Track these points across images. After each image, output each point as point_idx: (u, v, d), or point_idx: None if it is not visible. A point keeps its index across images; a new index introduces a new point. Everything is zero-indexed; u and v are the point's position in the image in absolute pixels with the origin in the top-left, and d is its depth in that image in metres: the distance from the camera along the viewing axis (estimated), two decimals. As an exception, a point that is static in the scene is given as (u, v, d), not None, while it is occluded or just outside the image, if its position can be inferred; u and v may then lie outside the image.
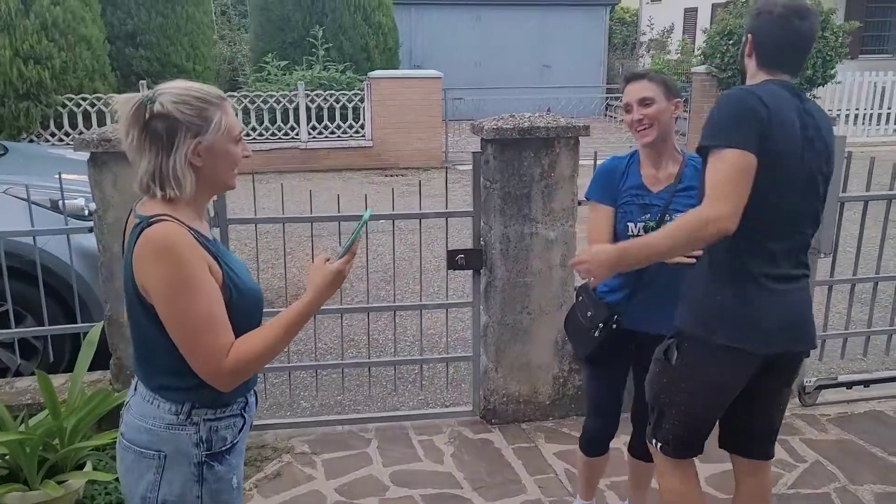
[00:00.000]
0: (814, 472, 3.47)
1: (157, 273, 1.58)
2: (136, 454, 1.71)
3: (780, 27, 2.14)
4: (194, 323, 1.58)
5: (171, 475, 1.69)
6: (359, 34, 13.64)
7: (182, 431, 1.69)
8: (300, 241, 7.28)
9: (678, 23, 22.18)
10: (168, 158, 1.62)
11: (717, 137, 2.05)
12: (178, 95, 1.63)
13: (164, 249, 1.57)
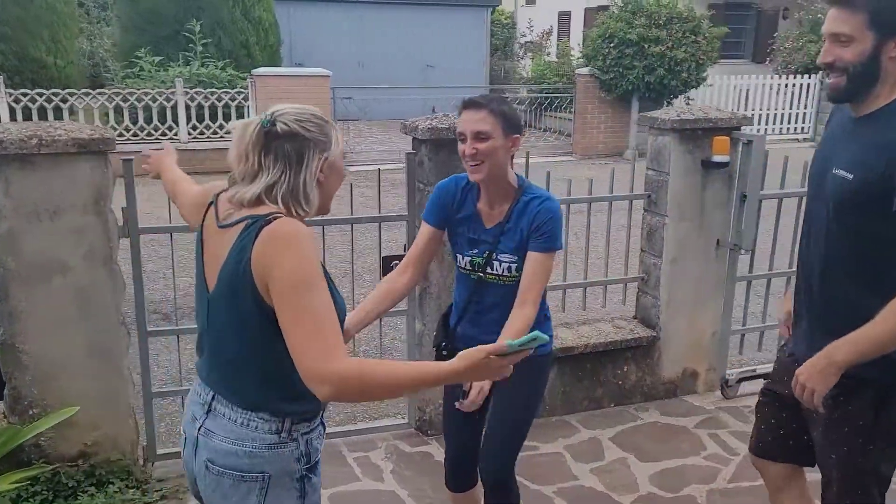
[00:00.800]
0: (748, 465, 3.50)
1: (288, 265, 1.52)
2: (236, 479, 1.65)
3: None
4: (317, 317, 1.51)
5: (274, 495, 1.67)
6: (238, 30, 13.08)
7: (285, 449, 1.66)
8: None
9: (554, 26, 22.80)
10: (298, 176, 1.62)
11: None
12: (299, 115, 1.65)
13: (295, 242, 1.54)
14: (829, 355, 1.91)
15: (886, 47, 1.85)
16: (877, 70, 1.88)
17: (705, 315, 4.11)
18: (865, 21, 1.84)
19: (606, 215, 4.02)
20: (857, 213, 1.91)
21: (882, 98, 1.92)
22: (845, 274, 1.98)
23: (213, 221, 1.71)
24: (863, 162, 1.88)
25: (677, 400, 4.16)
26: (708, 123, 3.80)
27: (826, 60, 1.92)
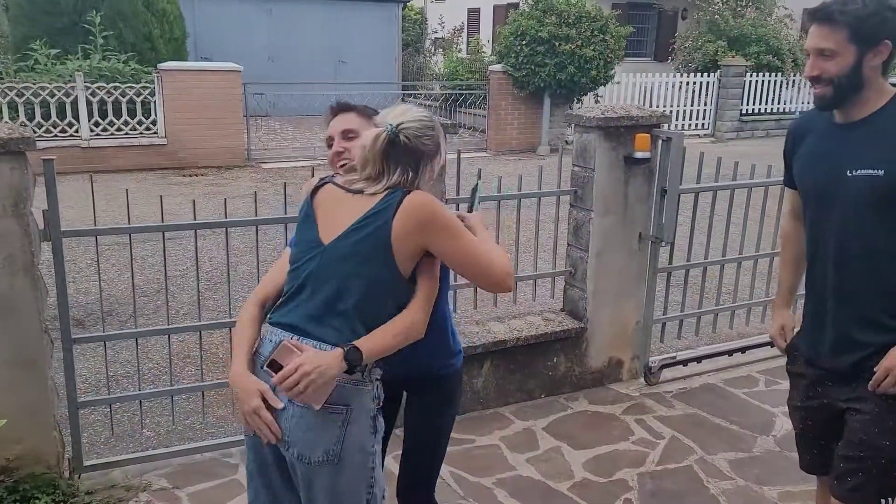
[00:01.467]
0: (674, 448, 3.70)
1: (434, 224, 1.87)
2: (322, 411, 1.82)
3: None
4: (478, 245, 1.93)
5: (355, 427, 1.86)
6: (141, 22, 12.55)
7: (365, 388, 1.89)
8: (115, 250, 6.58)
9: (464, 22, 22.96)
10: (414, 182, 1.93)
11: None
12: (419, 128, 1.93)
13: (432, 205, 1.88)
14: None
15: (867, 58, 2.00)
16: (860, 79, 2.02)
17: (629, 306, 4.26)
18: (847, 36, 1.98)
19: (535, 211, 4.12)
20: (891, 206, 2.01)
21: (872, 101, 2.05)
22: (885, 268, 2.06)
23: (332, 193, 1.97)
24: (890, 157, 2.00)
25: (604, 388, 4.30)
26: (630, 121, 3.94)
27: (812, 74, 2.05)
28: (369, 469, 1.92)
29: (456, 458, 3.53)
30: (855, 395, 2.14)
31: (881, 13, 1.97)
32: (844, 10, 1.98)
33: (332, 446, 1.84)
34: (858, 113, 2.07)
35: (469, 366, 3.91)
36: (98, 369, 4.46)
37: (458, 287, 3.99)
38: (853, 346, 2.13)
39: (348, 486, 1.89)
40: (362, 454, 1.89)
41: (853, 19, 1.96)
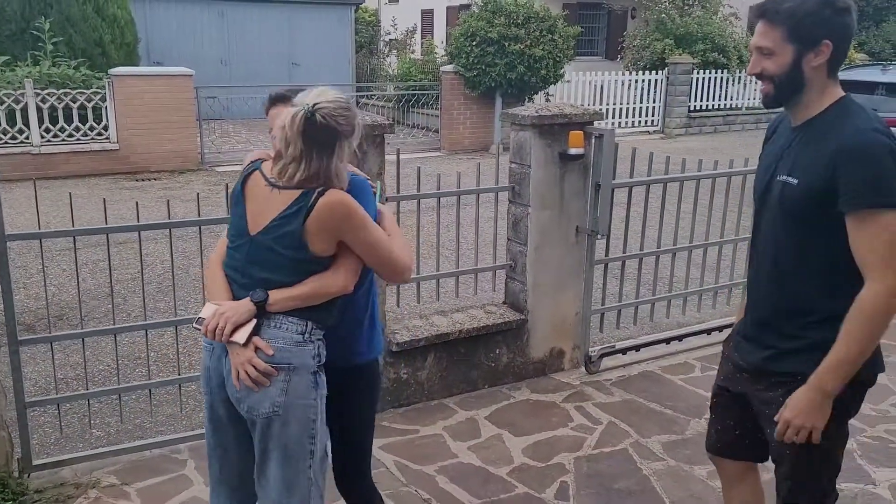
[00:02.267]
0: (610, 433, 3.87)
1: (346, 223, 2.07)
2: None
3: (853, 22, 1.98)
4: (386, 242, 2.15)
5: (296, 382, 2.10)
6: (91, 27, 12.43)
7: (305, 347, 2.12)
8: (66, 254, 6.57)
9: (418, 24, 23.06)
10: (331, 161, 2.06)
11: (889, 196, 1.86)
12: (335, 108, 2.04)
13: (344, 205, 2.06)
14: (820, 388, 1.95)
15: (806, 58, 1.94)
16: (800, 78, 1.97)
17: (568, 297, 4.43)
18: (783, 35, 1.94)
19: (474, 207, 4.26)
20: (801, 216, 1.99)
21: (813, 106, 2.01)
22: (790, 278, 2.06)
23: (258, 182, 2.13)
24: (806, 167, 1.96)
25: (546, 378, 4.46)
26: (564, 119, 4.11)
27: (754, 71, 2.03)
28: (311, 421, 2.14)
29: (399, 448, 3.65)
30: (765, 395, 2.16)
31: (819, 12, 1.92)
32: (779, 9, 1.94)
33: (276, 399, 2.08)
34: (802, 115, 2.04)
35: (413, 358, 4.04)
36: (48, 372, 4.49)
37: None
38: (760, 345, 2.17)
39: (293, 437, 2.12)
40: (304, 407, 2.12)
41: (788, 18, 1.93)
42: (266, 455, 2.16)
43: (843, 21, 1.94)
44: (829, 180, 1.89)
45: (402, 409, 4.03)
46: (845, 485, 3.39)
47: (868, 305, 1.90)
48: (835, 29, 1.93)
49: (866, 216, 1.87)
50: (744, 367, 2.25)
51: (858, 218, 1.88)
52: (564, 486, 3.40)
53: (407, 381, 4.05)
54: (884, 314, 1.90)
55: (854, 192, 1.86)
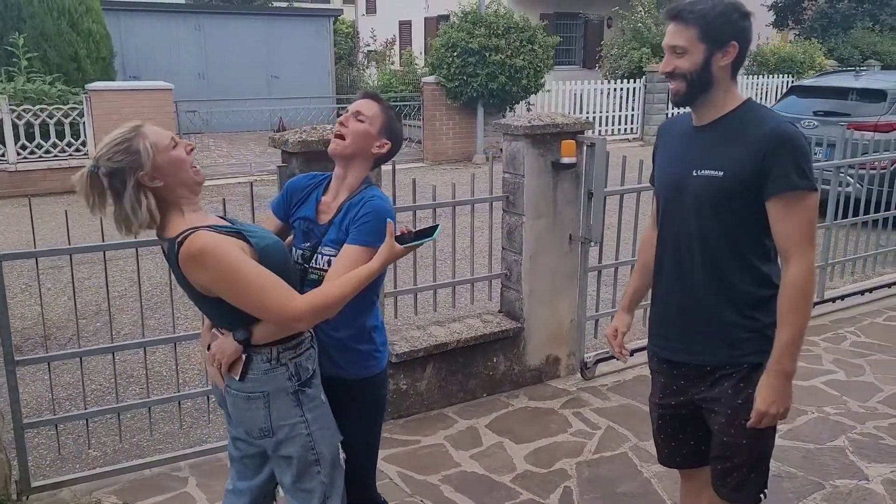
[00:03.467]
0: (610, 437, 3.90)
1: (207, 275, 1.92)
2: (245, 398, 2.12)
3: (752, 33, 2.14)
4: (256, 293, 1.94)
5: (277, 406, 2.13)
6: (66, 42, 12.33)
7: (276, 372, 2.11)
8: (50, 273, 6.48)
9: (396, 35, 23.13)
10: (122, 201, 1.94)
11: (812, 179, 2.03)
12: (107, 152, 1.94)
13: (202, 256, 1.90)
14: (781, 372, 2.06)
15: (715, 57, 2.08)
16: (710, 77, 2.10)
17: (563, 304, 4.46)
18: (697, 34, 2.07)
19: (469, 217, 4.28)
20: (727, 206, 2.09)
21: (720, 104, 2.13)
22: (723, 267, 2.14)
23: None
24: (731, 159, 2.07)
25: (543, 385, 4.48)
26: (556, 128, 4.15)
27: (667, 70, 2.14)
28: (304, 436, 2.17)
29: (402, 459, 3.65)
30: (710, 393, 2.22)
31: (728, 15, 2.07)
32: (693, 10, 2.08)
33: (263, 424, 2.14)
34: (710, 115, 2.15)
35: (412, 369, 4.04)
36: (39, 394, 4.44)
37: (399, 294, 4.12)
38: (700, 342, 2.21)
39: (292, 453, 2.17)
40: (291, 426, 2.15)
41: (700, 18, 2.06)
42: (275, 464, 2.24)
43: (746, 25, 2.11)
44: (758, 169, 2.03)
45: (402, 420, 4.03)
46: (839, 481, 3.45)
47: (800, 282, 2.04)
48: (741, 32, 2.09)
49: (792, 199, 2.02)
50: (680, 372, 2.28)
51: (783, 201, 2.03)
52: (568, 491, 3.42)
53: (406, 392, 4.05)
54: (812, 288, 2.08)
55: (783, 176, 2.01)
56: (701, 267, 2.17)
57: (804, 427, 3.95)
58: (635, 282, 2.57)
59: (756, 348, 2.14)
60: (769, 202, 2.04)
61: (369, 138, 2.27)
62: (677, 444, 2.44)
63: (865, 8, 22.19)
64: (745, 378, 2.16)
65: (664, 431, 2.45)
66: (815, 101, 9.25)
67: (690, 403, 2.29)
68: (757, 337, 2.14)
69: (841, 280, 6.05)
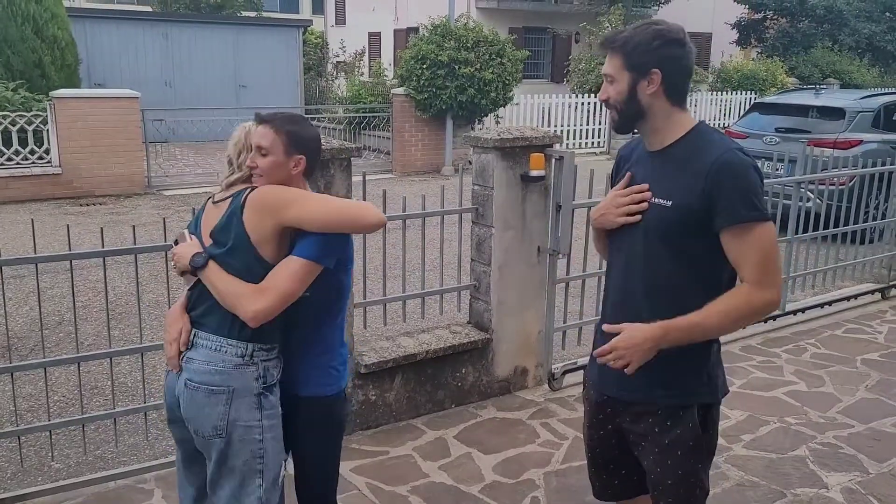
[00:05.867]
0: (577, 447, 3.92)
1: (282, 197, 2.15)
2: (207, 392, 2.13)
3: (687, 55, 2.08)
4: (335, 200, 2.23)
5: (238, 404, 2.14)
6: (29, 49, 12.13)
7: (246, 370, 2.15)
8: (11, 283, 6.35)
9: (366, 46, 23.17)
10: None
11: (761, 209, 1.98)
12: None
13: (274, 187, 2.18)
14: (662, 337, 2.00)
15: (640, 85, 2.04)
16: (638, 105, 2.06)
17: (531, 316, 4.50)
18: (621, 63, 2.05)
19: (439, 229, 4.31)
20: (677, 236, 2.04)
21: (664, 131, 2.08)
22: (670, 297, 2.07)
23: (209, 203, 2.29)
24: (679, 189, 2.02)
25: (511, 396, 4.51)
26: (525, 142, 4.20)
27: (602, 98, 2.13)
28: (256, 441, 2.17)
29: (371, 470, 3.65)
30: (637, 427, 2.19)
31: (648, 43, 2.03)
32: (616, 38, 2.07)
33: (218, 422, 2.13)
34: (658, 142, 2.12)
35: (381, 380, 4.05)
36: (1, 405, 4.35)
37: (368, 304, 4.13)
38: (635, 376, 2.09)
39: (238, 457, 2.16)
40: (247, 428, 2.16)
41: (622, 47, 2.05)
42: (216, 474, 2.21)
43: (673, 52, 2.04)
44: (705, 199, 1.98)
45: (370, 431, 4.02)
46: (800, 489, 3.53)
47: (743, 298, 2.00)
48: (664, 58, 2.03)
49: (742, 230, 1.97)
50: (608, 402, 2.26)
51: (733, 232, 1.98)
52: (536, 501, 3.45)
53: (375, 403, 4.05)
54: (749, 312, 2.02)
55: (730, 208, 1.96)
56: (645, 297, 2.11)
57: (766, 437, 4.03)
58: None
59: (689, 388, 2.12)
60: (721, 234, 1.99)
61: (280, 166, 2.20)
62: (608, 476, 2.40)
63: (825, 28, 22.82)
64: (673, 417, 2.13)
65: (595, 464, 2.42)
66: (776, 118, 9.47)
67: (618, 430, 2.26)
68: (693, 377, 2.12)
69: (801, 293, 6.18)
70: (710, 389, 2.16)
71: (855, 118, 8.88)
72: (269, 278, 2.11)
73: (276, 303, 2.09)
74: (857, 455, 3.85)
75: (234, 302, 2.10)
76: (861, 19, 22.88)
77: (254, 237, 2.11)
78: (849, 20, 22.61)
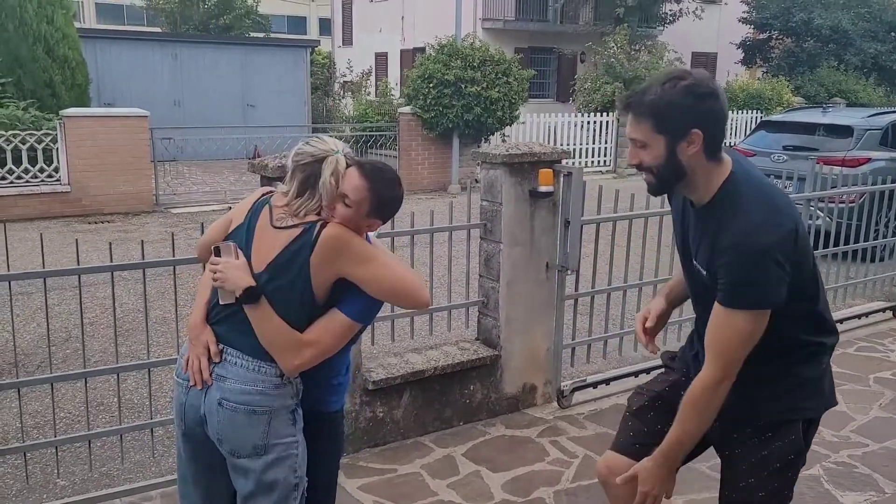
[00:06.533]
0: (587, 465, 3.88)
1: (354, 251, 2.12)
2: (248, 413, 2.12)
3: (722, 104, 1.94)
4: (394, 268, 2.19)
5: (277, 422, 2.14)
6: (40, 68, 12.28)
7: (284, 389, 2.16)
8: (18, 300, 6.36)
9: (372, 66, 23.34)
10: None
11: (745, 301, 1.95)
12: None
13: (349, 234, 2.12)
14: (666, 463, 2.12)
15: (679, 147, 1.91)
16: (680, 167, 1.95)
17: (540, 332, 4.47)
18: (651, 126, 1.91)
19: (447, 245, 4.29)
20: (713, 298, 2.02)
21: (703, 188, 1.99)
22: None
23: (264, 219, 2.16)
24: (707, 258, 2.01)
25: (520, 413, 4.46)
26: (533, 157, 4.19)
27: (633, 162, 2.01)
28: (293, 456, 2.19)
29: (378, 488, 3.61)
30: (731, 432, 2.17)
31: (681, 102, 1.88)
32: (642, 101, 1.92)
33: (258, 441, 2.13)
34: (699, 198, 2.02)
35: (389, 397, 4.01)
36: (5, 422, 4.33)
37: (376, 321, 4.09)
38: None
39: (278, 475, 2.17)
40: (285, 444, 2.17)
41: (651, 110, 1.91)
42: (252, 494, 2.18)
43: (708, 107, 1.90)
44: (717, 273, 1.97)
45: (377, 449, 3.98)
46: (816, 511, 3.47)
47: (697, 392, 2.03)
48: (700, 116, 1.89)
49: (724, 311, 1.96)
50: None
51: (717, 308, 1.98)
52: (546, 520, 3.40)
53: (383, 420, 4.02)
54: (707, 401, 2.02)
55: (721, 287, 1.96)
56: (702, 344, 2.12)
57: (779, 455, 3.97)
58: (675, 282, 2.44)
59: (796, 403, 2.13)
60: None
61: (355, 222, 2.16)
62: (635, 435, 2.35)
63: (831, 48, 22.86)
64: (773, 429, 2.12)
65: (635, 417, 2.39)
66: (783, 136, 9.45)
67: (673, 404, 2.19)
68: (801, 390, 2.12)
69: (812, 310, 6.12)
70: (816, 404, 2.15)
71: (863, 136, 8.86)
72: (314, 331, 2.11)
73: (317, 358, 2.14)
74: (872, 474, 3.80)
75: (277, 350, 2.10)
76: (866, 39, 22.93)
77: (315, 281, 2.09)
78: (854, 40, 22.67)
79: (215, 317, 2.19)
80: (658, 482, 2.13)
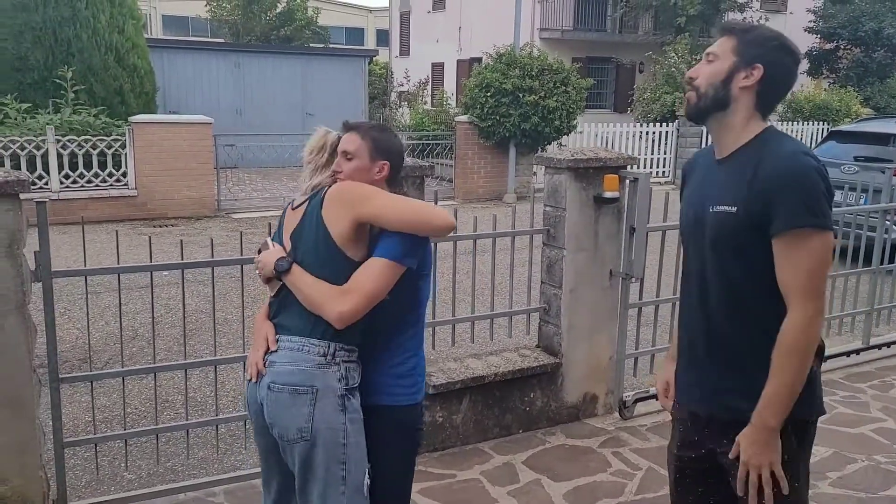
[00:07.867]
0: (651, 478, 3.80)
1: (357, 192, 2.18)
2: (292, 392, 2.12)
3: (794, 71, 2.04)
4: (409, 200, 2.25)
5: (322, 405, 2.11)
6: (111, 76, 12.70)
7: (329, 369, 2.14)
8: (89, 298, 6.55)
9: (429, 76, 23.49)
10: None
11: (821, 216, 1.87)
12: None
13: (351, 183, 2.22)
14: (764, 425, 1.91)
15: (738, 74, 1.97)
16: (726, 93, 1.99)
17: (602, 341, 4.39)
18: (732, 45, 2.00)
19: (509, 250, 4.26)
20: (746, 243, 1.94)
21: (737, 132, 2.00)
22: (745, 310, 1.99)
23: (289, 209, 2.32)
24: (742, 193, 1.93)
25: (580, 423, 4.39)
26: (598, 163, 4.14)
27: (691, 74, 2.06)
28: (340, 445, 2.14)
29: (438, 493, 3.59)
30: (724, 446, 2.04)
31: (767, 39, 2.00)
32: (740, 24, 2.07)
33: (303, 424, 2.11)
34: (729, 144, 2.03)
35: (449, 402, 3.99)
36: (75, 416, 4.45)
37: (437, 324, 4.09)
38: (724, 391, 2.05)
39: (322, 462, 2.13)
40: (331, 430, 2.13)
41: (742, 31, 2.02)
42: (303, 480, 2.19)
43: (783, 59, 2.00)
44: (767, 203, 1.88)
45: (437, 454, 3.97)
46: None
47: (789, 336, 1.89)
48: (772, 59, 1.98)
49: (794, 238, 1.86)
50: (701, 423, 2.12)
51: (785, 240, 1.87)
52: (609, 532, 3.33)
53: (442, 425, 4.00)
54: (804, 343, 1.89)
55: (786, 213, 1.86)
56: (722, 310, 2.02)
57: (855, 475, 3.82)
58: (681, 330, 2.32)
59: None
60: (773, 242, 1.89)
61: (364, 170, 2.25)
62: (695, 498, 2.21)
63: (902, 58, 22.10)
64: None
65: (681, 484, 2.24)
66: (854, 147, 9.16)
67: (710, 457, 2.10)
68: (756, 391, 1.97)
69: (887, 326, 5.90)
70: (799, 404, 1.95)
71: (939, 147, 8.54)
72: (352, 280, 2.11)
73: (362, 303, 2.10)
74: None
75: (320, 304, 2.11)
76: (940, 49, 22.13)
77: (333, 232, 2.13)
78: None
79: (273, 312, 2.27)
80: (761, 448, 1.91)
